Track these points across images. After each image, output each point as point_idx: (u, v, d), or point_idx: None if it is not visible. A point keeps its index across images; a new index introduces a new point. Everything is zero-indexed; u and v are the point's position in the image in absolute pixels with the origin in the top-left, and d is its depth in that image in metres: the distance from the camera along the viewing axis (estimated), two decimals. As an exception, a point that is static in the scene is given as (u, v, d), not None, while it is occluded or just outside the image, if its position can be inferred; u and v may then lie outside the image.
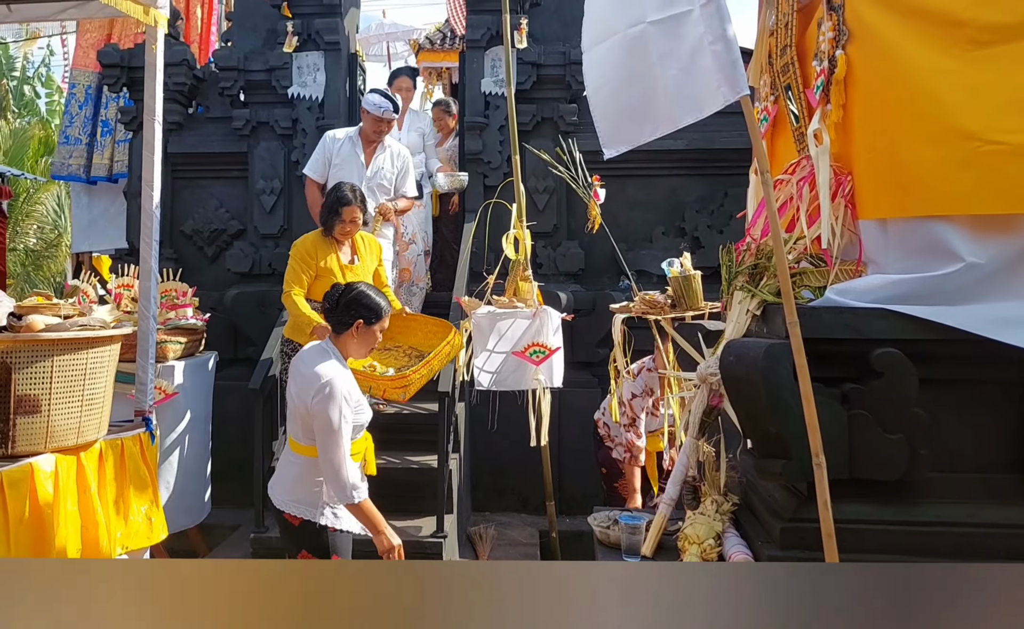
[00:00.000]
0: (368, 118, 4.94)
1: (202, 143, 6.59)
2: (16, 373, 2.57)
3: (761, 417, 2.42)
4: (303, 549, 2.93)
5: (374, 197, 4.92)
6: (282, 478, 3.01)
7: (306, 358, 2.99)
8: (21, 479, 2.51)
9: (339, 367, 2.94)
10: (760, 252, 2.78)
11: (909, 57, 2.39)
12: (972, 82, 2.29)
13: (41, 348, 2.59)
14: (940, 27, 2.33)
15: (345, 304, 3.01)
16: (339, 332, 3.03)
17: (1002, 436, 2.41)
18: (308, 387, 2.85)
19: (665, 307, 3.99)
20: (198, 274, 6.20)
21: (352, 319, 2.99)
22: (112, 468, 2.92)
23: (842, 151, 2.65)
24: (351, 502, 2.86)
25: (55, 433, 2.66)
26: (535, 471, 4.90)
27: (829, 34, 2.59)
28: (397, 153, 5.12)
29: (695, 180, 6.31)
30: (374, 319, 3.03)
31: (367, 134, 5.00)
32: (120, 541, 2.92)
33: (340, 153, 4.97)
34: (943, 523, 2.34)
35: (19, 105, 15.67)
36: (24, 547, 2.46)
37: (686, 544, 2.54)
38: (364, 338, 3.04)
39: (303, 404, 2.87)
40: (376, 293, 3.09)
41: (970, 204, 2.31)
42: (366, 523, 2.92)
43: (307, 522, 2.90)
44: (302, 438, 2.93)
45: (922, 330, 2.32)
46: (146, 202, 3.40)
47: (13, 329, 2.63)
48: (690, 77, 2.38)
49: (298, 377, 2.94)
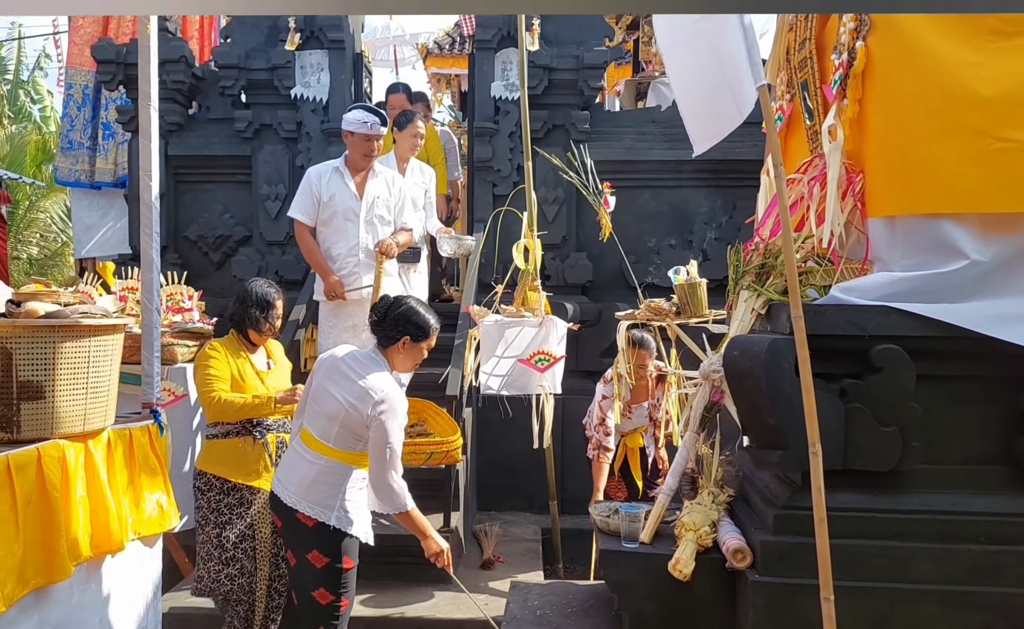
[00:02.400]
0: (353, 141, 4.55)
1: (204, 145, 6.68)
2: (17, 358, 2.66)
3: (761, 409, 2.57)
4: (314, 549, 2.98)
5: (372, 232, 4.65)
6: (297, 476, 3.03)
7: (355, 364, 3.02)
8: (27, 463, 2.59)
9: (394, 381, 3.04)
10: (768, 252, 2.93)
11: (930, 47, 2.49)
12: (993, 73, 2.41)
13: (42, 334, 2.69)
14: (964, 18, 2.44)
15: (393, 319, 3.06)
16: (385, 346, 3.09)
17: (990, 430, 2.58)
18: (365, 396, 2.91)
19: (670, 314, 4.14)
20: (204, 280, 6.31)
21: (399, 335, 3.05)
22: (121, 456, 3.04)
23: (855, 148, 2.77)
24: (400, 511, 3.01)
25: (60, 420, 2.76)
26: (539, 473, 5.09)
27: (850, 25, 2.71)
28: (392, 180, 4.78)
29: (705, 192, 6.44)
30: (422, 337, 3.09)
31: (354, 161, 4.61)
32: (133, 527, 3.04)
33: (328, 188, 4.59)
34: (928, 511, 2.50)
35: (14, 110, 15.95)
36: (33, 529, 2.58)
37: (683, 531, 2.68)
38: (411, 354, 3.10)
39: (356, 411, 2.92)
40: (426, 309, 3.14)
41: (978, 202, 2.45)
42: (414, 529, 3.08)
43: (321, 524, 2.97)
44: (335, 442, 2.98)
45: (923, 327, 2.48)
46: (144, 193, 3.44)
47: (12, 315, 2.73)
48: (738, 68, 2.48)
49: (345, 381, 2.98)
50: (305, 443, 3.07)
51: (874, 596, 2.43)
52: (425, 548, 3.10)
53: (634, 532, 2.79)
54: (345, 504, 3.01)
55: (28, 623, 2.54)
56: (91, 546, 2.80)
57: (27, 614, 2.54)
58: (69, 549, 2.68)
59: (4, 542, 2.45)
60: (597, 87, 6.44)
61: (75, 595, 2.77)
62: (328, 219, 4.62)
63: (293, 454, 3.13)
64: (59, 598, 2.69)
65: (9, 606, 2.42)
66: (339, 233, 4.64)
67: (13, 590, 2.44)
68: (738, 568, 2.54)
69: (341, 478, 3.01)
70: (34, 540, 2.58)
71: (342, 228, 4.63)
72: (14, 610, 2.46)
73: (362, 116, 4.50)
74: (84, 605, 2.82)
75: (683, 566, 2.58)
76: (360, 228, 4.63)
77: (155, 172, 3.43)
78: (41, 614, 2.61)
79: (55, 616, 2.67)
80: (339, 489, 3.00)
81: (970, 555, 2.43)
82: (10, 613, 2.43)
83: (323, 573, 2.98)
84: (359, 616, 3.91)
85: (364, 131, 4.49)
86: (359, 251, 4.64)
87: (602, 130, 6.43)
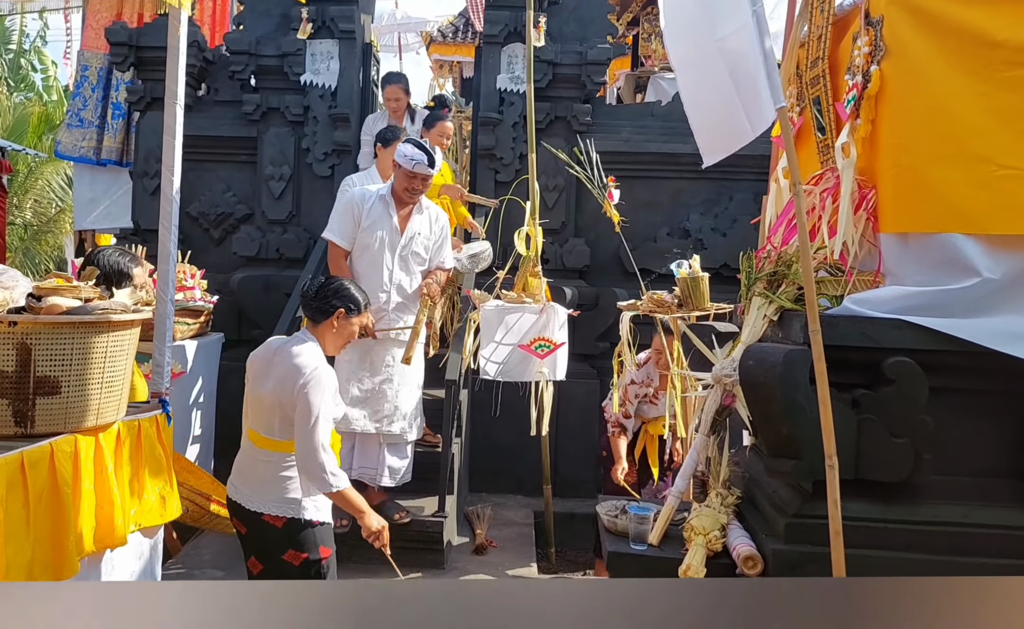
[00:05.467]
0: (399, 174, 4.15)
1: (211, 126, 6.60)
2: (36, 354, 2.57)
3: (775, 419, 2.51)
4: (288, 549, 2.83)
5: (406, 268, 4.24)
6: (255, 479, 2.89)
7: (281, 349, 2.93)
8: (41, 459, 2.50)
9: (322, 355, 2.91)
10: (780, 260, 2.87)
11: (942, 76, 2.50)
12: (1000, 105, 2.42)
13: (62, 330, 2.60)
14: (976, 48, 2.45)
15: (328, 293, 2.96)
16: (317, 322, 2.97)
17: (1001, 444, 2.54)
18: (291, 376, 2.80)
19: (672, 306, 4.07)
20: (204, 256, 6.22)
21: (334, 308, 2.94)
22: (129, 449, 2.94)
23: (867, 165, 2.76)
24: (330, 490, 2.81)
25: (74, 414, 2.66)
26: (531, 456, 5.07)
27: (865, 49, 2.68)
28: (436, 217, 4.36)
29: (701, 183, 6.38)
30: (356, 311, 2.99)
31: (398, 195, 4.20)
32: (134, 519, 2.94)
33: (369, 214, 4.17)
34: (940, 523, 2.47)
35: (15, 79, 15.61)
36: (43, 525, 2.48)
37: (692, 535, 2.62)
38: (343, 329, 2.99)
39: (285, 394, 2.80)
40: (356, 288, 3.06)
41: (986, 224, 2.45)
42: (349, 509, 2.90)
43: (292, 520, 2.82)
44: (279, 434, 2.85)
45: (935, 341, 2.45)
46: (166, 186, 3.39)
47: (33, 310, 2.64)
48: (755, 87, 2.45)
49: (274, 368, 2.88)
50: (254, 443, 2.94)
51: (886, 608, 2.39)
52: (363, 527, 2.92)
53: (642, 534, 2.73)
54: (312, 493, 2.86)
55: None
56: (95, 540, 2.70)
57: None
58: (75, 543, 2.59)
59: (15, 541, 2.35)
60: (600, 82, 6.43)
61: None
62: (362, 248, 4.17)
63: (244, 457, 2.98)
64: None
65: (18, 605, 2.34)
66: (371, 265, 4.19)
67: (23, 589, 2.36)
68: (749, 575, 2.50)
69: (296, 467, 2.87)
70: (43, 538, 2.49)
71: (376, 261, 4.18)
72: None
73: (410, 151, 4.07)
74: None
75: (694, 572, 2.53)
76: (395, 263, 4.21)
77: (177, 168, 3.38)
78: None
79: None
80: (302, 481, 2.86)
81: (981, 568, 2.39)
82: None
83: (302, 571, 2.83)
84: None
85: (407, 167, 4.06)
86: (391, 287, 4.22)
87: (602, 122, 6.42)
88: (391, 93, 5.93)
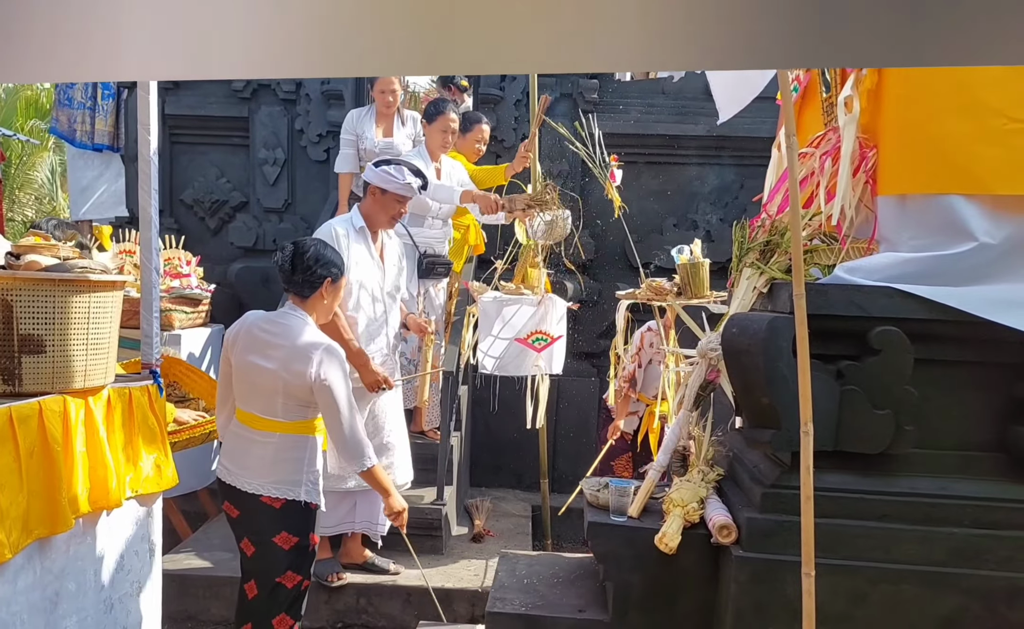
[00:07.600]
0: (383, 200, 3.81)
1: (200, 105, 6.72)
2: (18, 310, 2.73)
3: (756, 387, 2.65)
4: (283, 531, 2.94)
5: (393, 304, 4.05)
6: (254, 460, 2.96)
7: (275, 328, 2.96)
8: (30, 415, 2.68)
9: (320, 332, 3.00)
10: (774, 229, 2.95)
11: None
12: None
13: (43, 287, 2.76)
14: None
15: (310, 264, 2.95)
16: (306, 296, 3.00)
17: (985, 417, 2.64)
18: (301, 357, 2.86)
19: (671, 293, 4.22)
20: (201, 246, 6.35)
21: (321, 279, 2.98)
22: (120, 415, 3.12)
23: (871, 122, 2.79)
24: (365, 468, 2.98)
25: (61, 374, 2.84)
26: (530, 453, 5.27)
27: None
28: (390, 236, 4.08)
29: (711, 169, 6.50)
30: (340, 274, 3.05)
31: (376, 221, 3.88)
32: (130, 485, 3.13)
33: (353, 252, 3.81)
34: (916, 494, 2.59)
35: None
36: (36, 480, 2.68)
37: (671, 507, 2.78)
38: (333, 297, 3.05)
39: (297, 378, 2.87)
40: (331, 250, 3.06)
41: (990, 183, 2.48)
42: (377, 487, 3.09)
43: (291, 502, 2.94)
44: (283, 415, 2.94)
45: (926, 310, 2.52)
46: (143, 148, 3.34)
47: (12, 267, 2.79)
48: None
49: (272, 349, 2.91)
50: (248, 424, 3.00)
51: (855, 574, 2.52)
52: (386, 506, 3.13)
53: (622, 506, 2.89)
54: (312, 475, 3.01)
55: (32, 570, 2.67)
56: (89, 501, 2.90)
57: (32, 562, 2.67)
58: (69, 503, 2.79)
59: (9, 492, 2.56)
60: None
61: (72, 547, 2.88)
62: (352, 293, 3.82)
63: (237, 439, 3.03)
64: (60, 548, 2.81)
65: (15, 553, 2.54)
66: (367, 311, 3.92)
67: (19, 538, 2.56)
68: (723, 543, 2.64)
69: (302, 450, 2.99)
70: (38, 491, 2.69)
71: (370, 306, 3.93)
72: (20, 557, 2.58)
73: (403, 176, 3.76)
74: (81, 556, 2.94)
75: (669, 540, 2.68)
76: (386, 303, 3.99)
77: (154, 126, 3.35)
78: (44, 562, 2.74)
79: (57, 565, 2.80)
80: (302, 462, 2.98)
81: (953, 538, 2.52)
82: (16, 560, 2.56)
83: (291, 554, 2.96)
84: (351, 583, 4.04)
85: (401, 192, 3.78)
86: (388, 329, 4.02)
87: (610, 101, 6.47)
88: (383, 84, 5.23)
